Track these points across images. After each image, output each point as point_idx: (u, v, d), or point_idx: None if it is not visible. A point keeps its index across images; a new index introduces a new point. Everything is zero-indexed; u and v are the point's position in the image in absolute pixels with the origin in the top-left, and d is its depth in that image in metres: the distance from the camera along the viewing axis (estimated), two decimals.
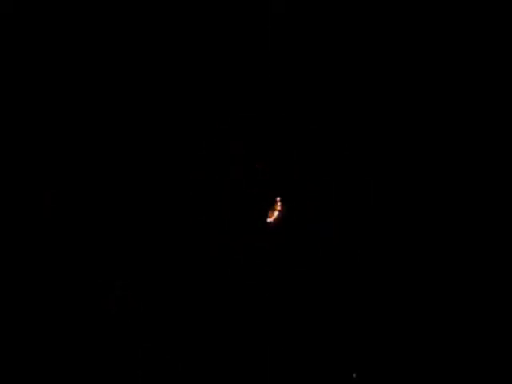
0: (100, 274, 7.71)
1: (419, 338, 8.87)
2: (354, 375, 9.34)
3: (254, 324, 5.33)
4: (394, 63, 9.14)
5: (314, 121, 9.43)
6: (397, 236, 9.37)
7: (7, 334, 7.08)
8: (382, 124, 9.46)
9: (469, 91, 8.96)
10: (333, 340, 9.42)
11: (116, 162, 8.45)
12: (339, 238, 9.32)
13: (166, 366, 6.99)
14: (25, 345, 7.06)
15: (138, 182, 8.47)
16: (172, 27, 8.80)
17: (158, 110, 8.77)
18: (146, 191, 8.47)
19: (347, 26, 9.08)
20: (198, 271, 7.22)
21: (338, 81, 9.35)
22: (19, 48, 8.17)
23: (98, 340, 7.18)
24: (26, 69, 8.19)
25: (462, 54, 8.85)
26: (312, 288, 9.47)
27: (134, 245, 8.07)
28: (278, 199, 5.51)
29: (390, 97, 9.30)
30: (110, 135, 8.50)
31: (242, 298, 4.58)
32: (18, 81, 8.14)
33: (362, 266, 9.37)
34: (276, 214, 9.69)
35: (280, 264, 7.01)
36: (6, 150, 8.00)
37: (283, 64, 9.18)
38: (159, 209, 8.45)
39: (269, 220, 9.43)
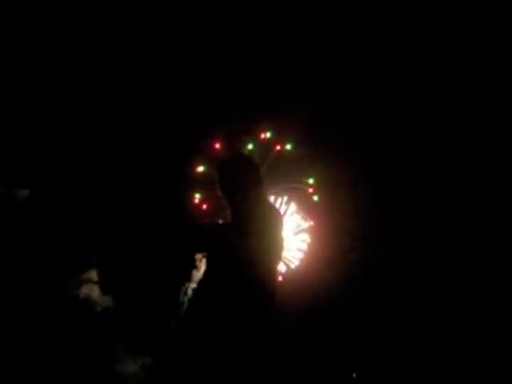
0: (99, 273, 7.69)
1: (418, 339, 8.87)
2: (354, 375, 9.35)
3: (253, 323, 5.27)
4: (393, 63, 9.13)
5: (313, 121, 9.42)
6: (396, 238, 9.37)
7: (7, 332, 7.06)
8: (382, 127, 9.43)
9: (469, 91, 8.94)
10: (333, 340, 9.42)
11: (116, 163, 8.41)
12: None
13: (166, 365, 6.98)
14: (24, 341, 7.04)
15: (137, 183, 8.44)
16: (173, 28, 8.79)
17: (157, 112, 8.74)
18: (146, 192, 8.44)
19: (347, 26, 9.07)
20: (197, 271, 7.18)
21: (338, 81, 9.33)
22: (19, 48, 8.17)
23: (98, 338, 7.16)
24: (26, 69, 8.18)
25: (461, 54, 8.84)
26: (312, 287, 9.46)
27: (133, 244, 8.04)
28: None
29: (388, 99, 9.27)
30: (109, 136, 8.48)
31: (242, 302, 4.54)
32: (18, 81, 8.13)
33: (361, 266, 9.37)
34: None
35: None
36: (6, 150, 7.99)
37: (283, 63, 9.16)
38: (158, 208, 8.42)
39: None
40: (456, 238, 9.07)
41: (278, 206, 9.79)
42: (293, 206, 9.88)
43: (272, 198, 9.72)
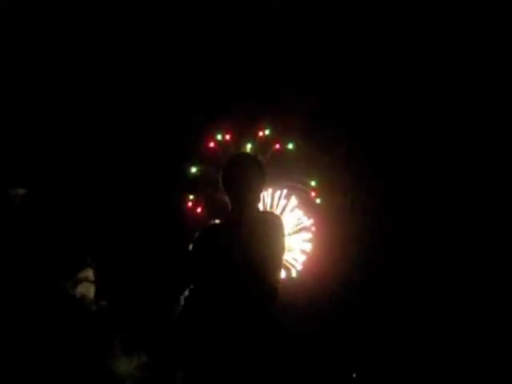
0: (98, 273, 7.71)
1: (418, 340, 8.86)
2: (354, 375, 9.34)
3: (253, 323, 5.27)
4: (394, 63, 9.10)
5: (314, 122, 9.40)
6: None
7: (3, 331, 7.09)
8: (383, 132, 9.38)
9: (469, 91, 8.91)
10: (333, 341, 9.41)
11: (111, 165, 8.41)
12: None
13: (163, 364, 6.99)
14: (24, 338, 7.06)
15: (133, 183, 8.44)
16: (174, 28, 8.79)
17: (156, 113, 8.72)
18: (141, 193, 8.43)
19: (348, 26, 9.05)
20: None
21: (339, 82, 9.31)
22: (19, 48, 8.18)
23: (94, 338, 7.18)
24: (26, 68, 8.20)
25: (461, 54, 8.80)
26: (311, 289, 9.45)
27: (129, 244, 8.06)
28: None
29: (390, 99, 9.23)
30: (108, 137, 8.48)
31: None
32: (18, 80, 8.15)
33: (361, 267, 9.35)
34: None
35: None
36: (5, 151, 8.01)
37: (283, 63, 9.14)
38: (153, 209, 8.43)
39: None
40: (458, 240, 9.05)
41: (276, 199, 9.53)
42: (293, 201, 9.65)
43: (270, 191, 9.48)
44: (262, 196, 4.71)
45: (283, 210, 9.58)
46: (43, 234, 7.77)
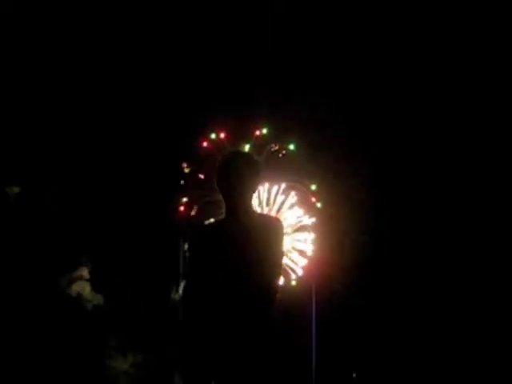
0: (98, 274, 7.71)
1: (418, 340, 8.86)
2: (354, 375, 9.35)
3: (251, 322, 5.27)
4: (395, 63, 9.10)
5: (314, 122, 9.39)
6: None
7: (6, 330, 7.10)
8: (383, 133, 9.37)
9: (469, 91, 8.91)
10: (334, 341, 9.42)
11: (106, 165, 8.38)
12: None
13: (159, 363, 7.00)
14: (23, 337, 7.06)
15: (128, 183, 8.42)
16: (174, 27, 8.78)
17: (156, 115, 8.70)
18: (136, 193, 8.41)
19: (347, 26, 9.05)
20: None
21: (339, 83, 9.30)
22: (19, 48, 8.18)
23: (89, 336, 7.19)
24: (26, 68, 8.19)
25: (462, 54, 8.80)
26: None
27: (125, 243, 8.06)
28: None
29: (390, 100, 9.22)
30: (108, 138, 8.47)
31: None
32: (18, 80, 8.14)
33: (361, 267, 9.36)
34: None
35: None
36: (5, 151, 8.01)
37: (283, 63, 9.14)
38: (148, 209, 8.41)
39: None
40: (458, 239, 9.05)
41: (273, 194, 9.30)
42: (292, 198, 9.26)
43: (266, 186, 9.27)
44: (256, 193, 4.69)
45: (280, 207, 9.35)
46: (40, 233, 7.78)
